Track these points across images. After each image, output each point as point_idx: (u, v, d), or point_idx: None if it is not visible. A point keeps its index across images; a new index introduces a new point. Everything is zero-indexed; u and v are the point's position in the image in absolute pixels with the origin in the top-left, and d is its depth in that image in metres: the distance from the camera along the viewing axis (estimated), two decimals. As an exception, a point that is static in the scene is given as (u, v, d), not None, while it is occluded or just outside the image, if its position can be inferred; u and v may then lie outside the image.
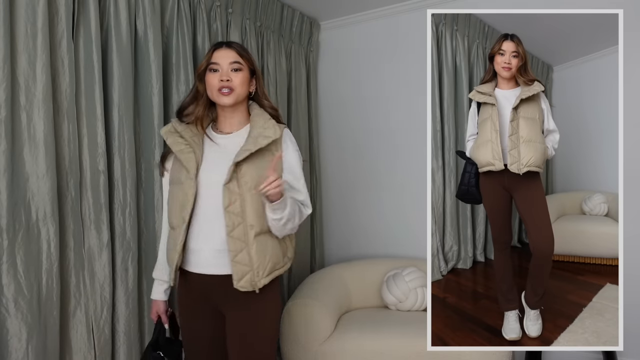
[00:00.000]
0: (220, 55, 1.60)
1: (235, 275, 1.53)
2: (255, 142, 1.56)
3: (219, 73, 1.59)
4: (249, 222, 1.53)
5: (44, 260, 1.73)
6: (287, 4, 3.03)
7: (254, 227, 1.53)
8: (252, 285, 1.54)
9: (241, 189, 1.53)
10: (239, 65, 1.60)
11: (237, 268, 1.52)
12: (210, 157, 1.61)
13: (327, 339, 2.35)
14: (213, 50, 1.63)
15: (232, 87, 1.59)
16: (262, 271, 1.54)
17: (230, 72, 1.59)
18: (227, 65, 1.59)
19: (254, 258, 1.53)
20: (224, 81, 1.58)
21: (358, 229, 3.28)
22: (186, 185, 1.56)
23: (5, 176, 1.63)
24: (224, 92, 1.58)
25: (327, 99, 3.42)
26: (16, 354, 1.64)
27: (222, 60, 1.60)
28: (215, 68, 1.60)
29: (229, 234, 1.52)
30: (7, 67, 1.63)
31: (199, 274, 1.59)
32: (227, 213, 1.52)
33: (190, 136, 1.62)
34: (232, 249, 1.52)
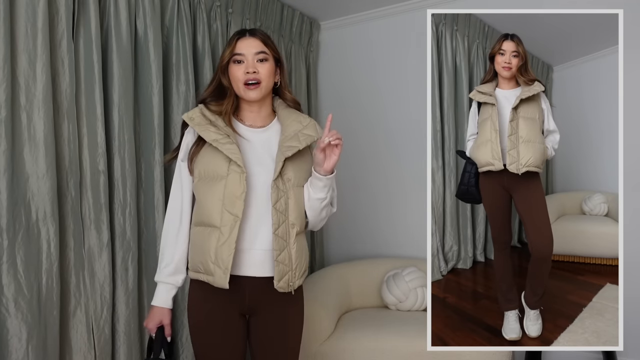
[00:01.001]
0: (244, 45, 1.49)
1: (276, 275, 1.46)
2: (299, 140, 1.49)
3: (244, 65, 1.49)
4: (290, 220, 1.48)
5: (44, 260, 1.73)
6: (287, 4, 3.03)
7: (295, 226, 1.48)
8: (289, 286, 1.48)
9: (285, 186, 1.48)
10: (265, 55, 1.50)
11: (279, 268, 1.46)
12: (247, 151, 1.51)
13: (327, 339, 2.35)
14: (236, 39, 1.50)
15: (259, 79, 1.49)
16: (299, 272, 1.51)
17: (257, 63, 1.49)
18: (252, 56, 1.48)
19: (293, 258, 1.48)
20: (250, 73, 1.47)
21: (358, 228, 3.28)
22: (233, 179, 1.44)
23: (5, 176, 1.63)
24: (250, 86, 1.49)
25: (327, 98, 3.42)
26: (16, 354, 1.64)
27: (246, 50, 1.48)
28: (239, 59, 1.49)
29: (275, 231, 1.45)
30: (7, 67, 1.63)
31: (239, 276, 1.48)
32: (275, 210, 1.45)
33: (224, 126, 1.49)
34: (275, 248, 1.45)
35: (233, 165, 1.45)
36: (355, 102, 3.29)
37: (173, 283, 1.56)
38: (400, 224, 3.14)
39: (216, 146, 1.45)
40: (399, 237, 3.14)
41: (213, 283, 1.47)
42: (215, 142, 1.45)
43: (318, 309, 2.37)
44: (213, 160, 1.47)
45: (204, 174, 1.50)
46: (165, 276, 1.55)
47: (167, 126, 2.26)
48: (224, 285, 1.44)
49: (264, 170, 1.49)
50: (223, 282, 1.44)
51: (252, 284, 1.50)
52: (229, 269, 1.43)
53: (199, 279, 1.52)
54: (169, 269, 1.55)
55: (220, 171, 1.46)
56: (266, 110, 1.59)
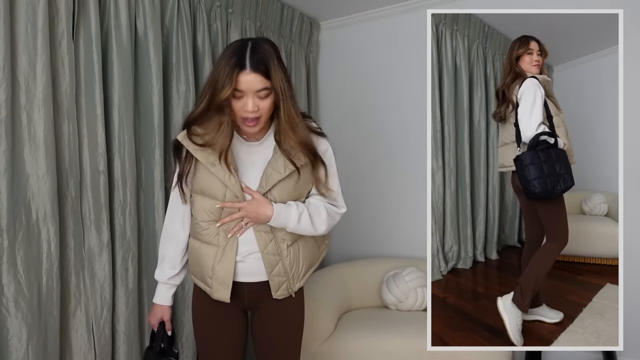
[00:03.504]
0: (245, 82, 1.35)
1: (273, 287, 1.51)
2: (284, 166, 1.46)
3: (244, 100, 1.38)
4: (280, 236, 1.50)
5: (44, 260, 1.73)
6: (287, 4, 3.03)
7: (285, 240, 1.51)
8: (288, 292, 1.54)
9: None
10: (267, 91, 1.38)
11: (275, 281, 1.51)
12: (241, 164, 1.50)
13: (327, 338, 2.35)
14: (237, 73, 1.35)
15: (259, 115, 1.40)
16: (297, 277, 1.55)
17: (257, 100, 1.38)
18: (253, 93, 1.37)
19: (288, 268, 1.52)
20: (248, 111, 1.38)
21: (358, 228, 3.28)
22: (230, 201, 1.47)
23: (5, 176, 1.63)
24: (249, 122, 1.41)
25: (327, 98, 3.42)
26: (16, 354, 1.64)
27: (247, 87, 1.36)
28: (239, 95, 1.37)
29: (263, 251, 1.49)
30: (7, 67, 1.63)
31: (237, 282, 1.52)
32: (257, 232, 1.48)
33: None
34: (267, 266, 1.49)
35: (229, 192, 1.46)
36: (355, 102, 3.29)
37: (172, 283, 1.62)
38: (401, 224, 3.14)
39: (212, 171, 1.44)
40: (399, 237, 3.14)
41: (211, 295, 1.52)
42: (212, 167, 1.44)
43: (318, 308, 2.37)
44: (210, 180, 1.47)
45: (200, 190, 1.51)
46: (164, 277, 1.61)
47: (167, 126, 2.26)
48: (226, 300, 1.50)
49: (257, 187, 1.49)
50: (224, 296, 1.50)
51: (251, 288, 1.54)
52: (230, 285, 1.49)
53: (199, 285, 1.58)
54: (168, 269, 1.60)
55: (217, 193, 1.47)
56: (264, 129, 1.52)
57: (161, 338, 1.64)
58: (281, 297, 1.53)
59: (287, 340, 1.61)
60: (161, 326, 1.64)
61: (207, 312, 1.59)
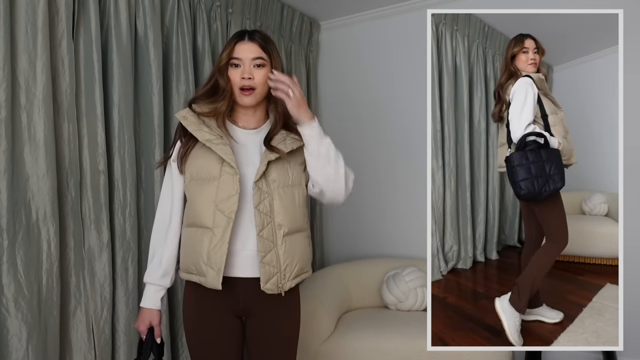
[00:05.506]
0: (242, 50, 1.48)
1: (262, 277, 1.45)
2: (285, 144, 1.49)
3: (241, 69, 1.48)
4: (277, 221, 1.47)
5: (44, 260, 1.73)
6: (287, 4, 3.03)
7: (282, 227, 1.47)
8: (278, 288, 1.47)
9: (269, 187, 1.47)
10: (262, 61, 1.48)
11: (265, 270, 1.45)
12: (239, 152, 1.51)
13: (327, 338, 2.35)
14: (235, 42, 1.49)
15: (253, 85, 1.48)
16: (289, 274, 1.49)
17: (253, 69, 1.48)
18: (249, 61, 1.47)
19: (281, 259, 1.47)
20: (245, 79, 1.47)
21: (358, 228, 3.28)
22: (226, 180, 1.45)
23: (5, 176, 1.63)
24: (245, 91, 1.49)
25: (327, 98, 3.42)
26: (16, 354, 1.64)
27: (244, 55, 1.47)
28: (236, 63, 1.48)
29: (259, 233, 1.45)
30: (7, 67, 1.63)
31: (231, 277, 1.48)
32: (257, 212, 1.45)
33: (216, 127, 1.50)
34: (261, 250, 1.45)
35: (226, 167, 1.45)
36: (355, 102, 3.29)
37: (162, 284, 1.56)
38: (400, 224, 3.14)
39: (209, 146, 1.45)
40: (399, 237, 3.14)
41: (205, 284, 1.47)
42: (209, 142, 1.45)
43: (318, 308, 2.37)
44: (205, 161, 1.48)
45: (196, 175, 1.50)
46: (154, 278, 1.56)
47: (167, 126, 2.26)
48: (217, 286, 1.44)
49: (255, 172, 1.48)
50: (216, 282, 1.44)
51: (245, 285, 1.50)
52: (222, 270, 1.43)
53: (191, 279, 1.52)
54: (158, 271, 1.55)
55: (213, 172, 1.46)
56: (261, 113, 1.58)
57: (150, 348, 1.54)
58: (270, 291, 1.46)
59: (282, 350, 1.57)
60: (150, 334, 1.55)
61: (200, 315, 1.53)
